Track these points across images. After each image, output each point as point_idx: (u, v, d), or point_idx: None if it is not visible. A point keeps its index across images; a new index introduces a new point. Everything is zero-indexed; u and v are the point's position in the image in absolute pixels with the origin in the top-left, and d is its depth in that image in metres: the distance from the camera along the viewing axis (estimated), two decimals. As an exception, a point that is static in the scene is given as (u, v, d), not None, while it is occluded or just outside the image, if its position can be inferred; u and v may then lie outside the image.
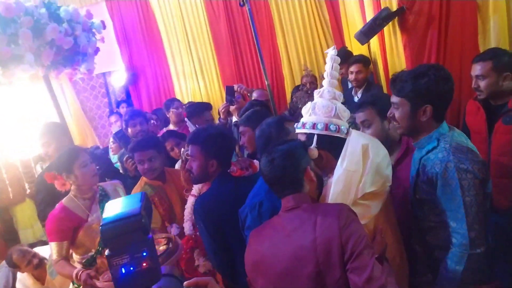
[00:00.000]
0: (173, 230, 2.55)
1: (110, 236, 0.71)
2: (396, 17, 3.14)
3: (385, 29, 3.33)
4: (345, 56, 4.03)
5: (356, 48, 4.37)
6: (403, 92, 1.58)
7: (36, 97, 3.54)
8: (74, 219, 2.26)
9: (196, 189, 2.31)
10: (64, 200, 2.31)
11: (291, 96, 4.22)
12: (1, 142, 3.67)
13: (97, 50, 3.20)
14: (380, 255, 1.46)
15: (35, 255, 3.19)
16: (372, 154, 1.55)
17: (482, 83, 2.24)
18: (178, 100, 4.27)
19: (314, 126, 1.62)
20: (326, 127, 1.60)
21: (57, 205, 2.31)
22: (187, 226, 2.36)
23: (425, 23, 2.97)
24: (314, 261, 1.31)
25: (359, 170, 1.53)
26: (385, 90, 3.64)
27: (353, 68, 3.75)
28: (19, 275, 3.29)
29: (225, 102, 3.02)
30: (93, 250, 2.30)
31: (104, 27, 3.23)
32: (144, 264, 0.71)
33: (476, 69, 2.25)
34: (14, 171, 4.25)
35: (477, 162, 1.51)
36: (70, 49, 2.67)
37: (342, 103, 1.71)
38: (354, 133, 1.65)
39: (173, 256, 2.02)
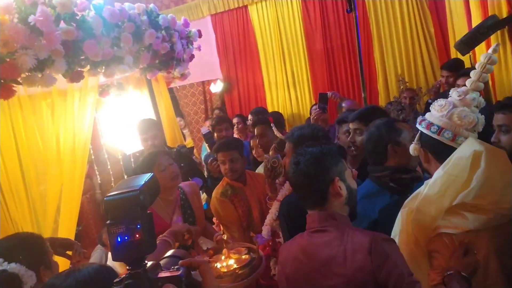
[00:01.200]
0: (259, 240, 2.50)
1: (111, 207, 0.78)
2: (506, 26, 2.79)
3: (493, 38, 2.97)
4: (455, 66, 3.70)
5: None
6: None
7: (139, 101, 3.94)
8: (159, 223, 2.28)
9: (282, 194, 2.29)
10: None
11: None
12: (108, 140, 4.17)
13: (192, 57, 3.44)
14: (468, 274, 1.29)
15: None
16: (485, 164, 1.33)
17: None
18: (262, 108, 4.39)
19: (420, 122, 1.52)
20: (428, 126, 1.47)
21: None
22: (266, 231, 2.36)
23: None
24: None
25: (462, 177, 1.35)
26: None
27: (460, 81, 3.39)
28: (109, 254, 3.65)
29: (317, 109, 2.94)
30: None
31: (200, 35, 3.47)
32: (137, 236, 0.75)
33: None
34: (118, 165, 4.77)
35: None
36: (166, 54, 2.91)
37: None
38: (471, 139, 1.43)
39: (259, 268, 2.01)
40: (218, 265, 1.99)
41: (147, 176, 0.85)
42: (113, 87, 3.84)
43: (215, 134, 3.84)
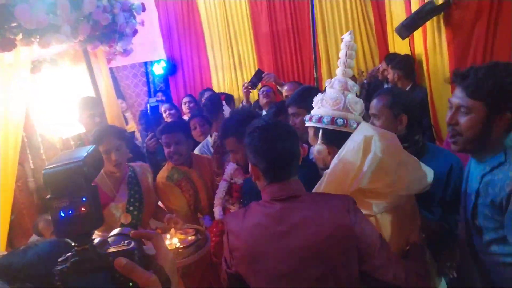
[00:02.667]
0: (205, 222, 2.53)
1: (52, 180, 0.70)
2: (442, 13, 2.97)
3: (428, 24, 3.16)
4: (391, 59, 3.88)
5: (399, 47, 4.21)
6: (479, 94, 1.26)
7: (76, 80, 3.67)
8: (102, 197, 2.20)
9: (227, 174, 2.30)
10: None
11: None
12: (42, 121, 3.85)
13: (135, 31, 3.27)
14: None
15: None
16: (376, 147, 1.38)
17: None
18: (211, 90, 4.30)
19: (320, 119, 1.51)
20: (333, 120, 1.48)
21: None
22: (217, 211, 2.33)
23: (472, 18, 2.79)
24: (324, 263, 1.21)
25: (356, 162, 1.39)
26: (428, 91, 3.43)
27: (389, 70, 3.59)
28: None
29: (248, 81, 2.93)
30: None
31: (144, 9, 3.30)
32: (83, 209, 0.69)
33: None
34: (53, 150, 4.44)
35: None
36: (107, 26, 2.73)
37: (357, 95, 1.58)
38: (362, 124, 1.51)
39: (203, 249, 2.02)
40: None
41: (89, 148, 0.77)
42: (45, 63, 3.55)
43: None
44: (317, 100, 1.58)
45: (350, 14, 5.32)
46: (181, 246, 1.99)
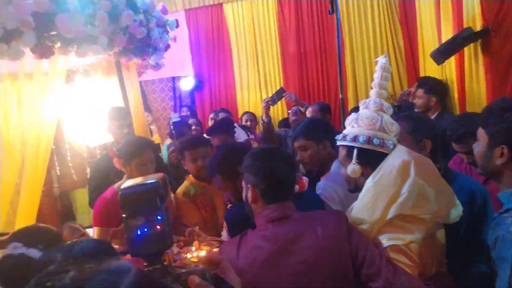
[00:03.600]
0: (224, 235, 2.45)
1: (128, 200, 0.76)
2: (479, 39, 2.90)
3: (466, 51, 3.08)
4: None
5: (429, 73, 4.11)
6: (485, 123, 1.32)
7: (107, 91, 3.74)
8: None
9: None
10: (116, 185, 2.24)
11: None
12: (71, 130, 3.91)
13: (167, 46, 3.32)
14: None
15: (84, 234, 3.28)
16: (415, 173, 1.34)
17: None
18: (226, 110, 4.32)
19: (355, 138, 1.46)
20: (369, 140, 1.44)
21: (109, 189, 2.26)
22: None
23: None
24: (321, 276, 1.21)
25: (393, 187, 1.35)
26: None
27: (416, 93, 3.49)
28: None
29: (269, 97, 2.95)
30: None
31: (177, 25, 3.36)
32: (158, 227, 0.73)
33: None
34: (79, 158, 4.50)
35: None
36: (142, 39, 2.77)
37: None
38: (399, 147, 1.46)
39: None
40: (189, 255, 1.93)
41: (155, 176, 0.85)
42: (78, 73, 3.63)
43: None
44: (351, 119, 1.55)
45: (380, 37, 5.29)
46: None
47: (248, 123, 4.61)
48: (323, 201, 1.93)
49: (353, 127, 1.51)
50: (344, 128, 1.62)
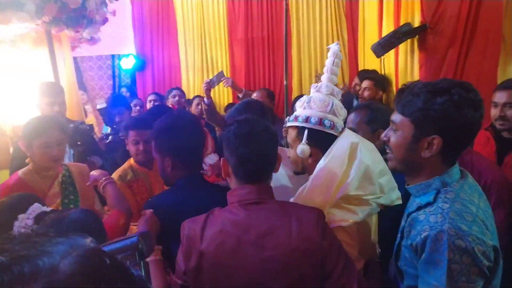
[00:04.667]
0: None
1: None
2: (417, 35, 3.04)
3: (401, 47, 3.22)
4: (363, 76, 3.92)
5: (368, 66, 4.28)
6: (408, 109, 1.14)
7: (36, 65, 3.43)
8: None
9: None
10: (20, 172, 2.01)
11: (292, 105, 4.12)
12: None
13: (105, 20, 3.10)
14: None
15: None
16: (362, 155, 1.37)
17: (510, 112, 2.05)
18: (179, 89, 4.18)
19: (307, 119, 1.46)
20: (320, 121, 1.45)
21: (12, 175, 2.03)
22: None
23: (446, 44, 2.86)
24: (289, 276, 1.15)
25: (342, 168, 1.36)
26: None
27: (363, 84, 3.61)
28: None
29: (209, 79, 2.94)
30: None
31: (117, -3, 3.15)
32: None
33: (504, 96, 2.05)
34: (3, 137, 4.12)
35: (483, 242, 1.04)
36: (76, 10, 2.56)
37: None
38: (347, 131, 1.50)
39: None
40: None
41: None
42: (4, 43, 3.29)
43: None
44: (303, 101, 1.54)
45: (326, 28, 5.39)
46: None
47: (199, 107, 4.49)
48: None
49: (305, 109, 1.51)
50: (292, 111, 1.62)
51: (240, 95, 3.15)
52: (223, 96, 5.72)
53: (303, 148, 1.45)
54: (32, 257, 0.44)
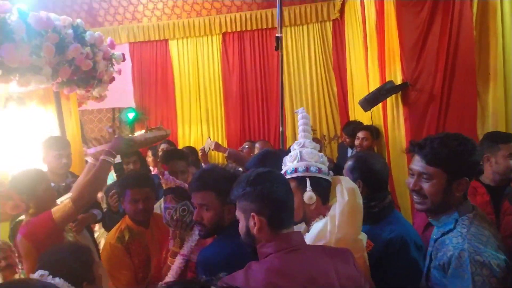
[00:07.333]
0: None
1: None
2: (400, 91, 3.29)
3: (388, 101, 3.47)
4: (354, 127, 4.18)
5: (359, 117, 4.54)
6: (437, 161, 1.39)
7: (42, 120, 3.60)
8: None
9: (187, 248, 2.01)
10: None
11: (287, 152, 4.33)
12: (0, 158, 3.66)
13: (112, 79, 3.33)
14: None
15: (8, 257, 3.05)
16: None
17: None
18: (169, 141, 4.36)
19: (307, 169, 1.61)
20: (320, 170, 1.61)
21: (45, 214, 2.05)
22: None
23: (426, 99, 3.10)
24: None
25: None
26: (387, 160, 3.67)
27: (360, 134, 3.84)
28: None
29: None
30: None
31: (124, 59, 3.39)
32: None
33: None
34: (3, 188, 4.18)
35: (497, 257, 1.28)
36: (87, 71, 2.78)
37: None
38: (340, 176, 1.68)
39: None
40: None
41: None
42: (12, 100, 3.47)
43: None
44: (293, 156, 1.67)
45: (316, 82, 5.73)
46: None
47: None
48: None
49: (299, 161, 1.65)
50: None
51: (226, 154, 3.25)
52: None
53: (310, 195, 1.55)
54: None
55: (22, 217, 2.22)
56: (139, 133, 2.33)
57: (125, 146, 2.14)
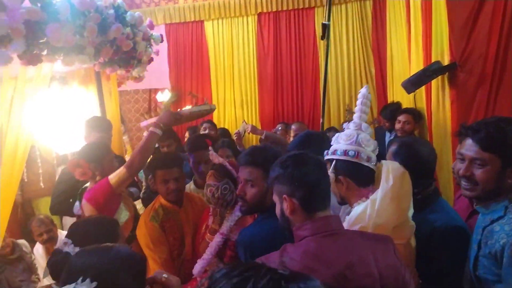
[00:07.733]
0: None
1: None
2: (447, 72, 3.13)
3: (433, 83, 3.31)
4: (392, 110, 4.04)
5: (398, 99, 4.37)
6: (494, 147, 1.33)
7: (83, 100, 3.69)
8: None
9: (226, 227, 2.01)
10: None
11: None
12: (43, 135, 3.81)
13: (151, 60, 3.36)
14: None
15: (50, 230, 3.24)
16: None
17: None
18: (210, 121, 4.38)
19: (334, 152, 1.62)
20: (345, 152, 1.58)
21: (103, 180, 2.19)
22: (199, 267, 2.01)
23: (475, 82, 2.92)
24: None
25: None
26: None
27: (401, 118, 3.70)
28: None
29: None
30: None
31: (162, 40, 3.41)
32: None
33: None
34: (48, 165, 4.35)
35: None
36: (127, 52, 2.81)
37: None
38: (388, 161, 1.62)
39: None
40: None
41: None
42: (55, 80, 3.57)
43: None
44: (334, 138, 1.69)
45: (353, 64, 5.57)
46: None
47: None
48: None
49: (333, 144, 1.67)
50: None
51: (262, 137, 3.23)
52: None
53: (330, 176, 1.54)
54: None
55: (87, 184, 2.42)
56: (186, 108, 2.39)
57: (172, 119, 2.23)
